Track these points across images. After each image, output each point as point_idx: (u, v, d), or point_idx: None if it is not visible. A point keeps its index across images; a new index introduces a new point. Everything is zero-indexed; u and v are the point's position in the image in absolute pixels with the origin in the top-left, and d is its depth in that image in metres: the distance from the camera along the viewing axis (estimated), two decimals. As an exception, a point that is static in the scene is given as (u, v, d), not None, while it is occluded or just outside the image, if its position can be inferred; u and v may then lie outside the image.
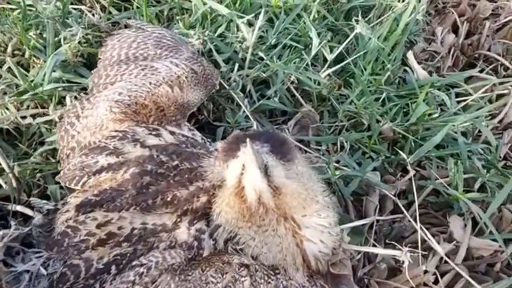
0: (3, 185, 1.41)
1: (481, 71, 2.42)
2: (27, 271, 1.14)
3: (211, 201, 1.12)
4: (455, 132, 1.74)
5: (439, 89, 2.02)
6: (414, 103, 1.86)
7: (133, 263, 1.07)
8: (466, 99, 1.98)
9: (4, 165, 1.40)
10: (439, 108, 1.86)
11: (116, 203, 1.17)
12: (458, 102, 1.98)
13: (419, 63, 2.36)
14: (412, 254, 1.17)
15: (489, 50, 2.64)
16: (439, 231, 1.55)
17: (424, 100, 1.82)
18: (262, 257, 1.08)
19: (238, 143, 1.00)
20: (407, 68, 2.15)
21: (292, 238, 1.08)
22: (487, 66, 2.46)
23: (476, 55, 2.60)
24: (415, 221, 1.44)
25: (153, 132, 1.32)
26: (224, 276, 1.01)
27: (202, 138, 1.39)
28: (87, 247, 1.12)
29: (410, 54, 2.09)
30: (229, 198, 1.07)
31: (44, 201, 1.41)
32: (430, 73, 2.34)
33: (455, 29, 2.70)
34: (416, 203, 1.41)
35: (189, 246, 1.10)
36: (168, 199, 1.15)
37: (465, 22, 2.69)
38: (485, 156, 1.83)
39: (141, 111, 1.39)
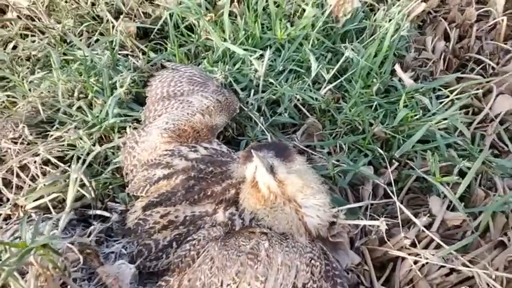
0: (87, 195, 1.90)
1: (472, 71, 2.76)
2: (112, 252, 1.61)
3: (238, 192, 1.60)
4: (436, 130, 2.12)
5: (423, 94, 2.39)
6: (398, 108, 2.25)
7: (188, 238, 1.53)
8: (447, 101, 2.34)
9: (85, 181, 1.90)
10: (421, 110, 2.23)
11: (172, 201, 1.64)
12: (441, 103, 2.34)
13: (412, 70, 2.73)
14: (389, 222, 1.56)
15: (478, 52, 2.96)
16: (423, 211, 1.92)
17: (407, 105, 2.20)
18: (275, 227, 1.53)
19: (252, 151, 1.46)
20: (396, 79, 2.53)
21: (295, 214, 1.53)
22: (477, 67, 2.79)
23: (467, 57, 2.93)
24: (402, 202, 1.83)
25: (192, 149, 1.80)
26: (250, 240, 1.46)
27: (227, 150, 1.86)
28: (155, 231, 1.59)
29: (397, 67, 2.46)
30: (249, 190, 1.55)
31: (117, 204, 1.92)
32: (425, 77, 2.71)
33: (447, 36, 3.04)
34: (392, 180, 1.81)
35: (225, 224, 1.55)
36: (208, 193, 1.62)
37: (455, 28, 3.01)
38: (466, 147, 2.18)
39: (182, 134, 1.88)
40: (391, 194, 1.87)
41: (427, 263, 1.62)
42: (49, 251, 1.20)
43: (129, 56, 2.57)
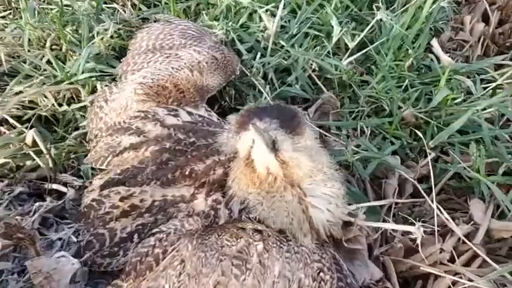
0: (42, 165, 1.53)
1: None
2: (60, 239, 1.24)
3: (227, 173, 1.19)
4: (480, 118, 1.72)
5: (468, 77, 1.99)
6: (437, 89, 1.85)
7: (154, 230, 1.15)
8: (492, 86, 1.94)
9: (42, 148, 1.52)
10: (462, 94, 1.83)
11: (138, 179, 1.26)
12: (485, 88, 1.93)
13: (446, 52, 2.33)
14: (425, 230, 1.18)
15: (520, 39, 2.57)
16: (461, 216, 1.53)
17: (447, 85, 1.80)
18: (269, 220, 1.13)
19: (249, 116, 1.07)
20: (432, 56, 2.13)
21: (297, 204, 1.12)
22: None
23: (508, 44, 2.53)
24: (433, 201, 1.44)
25: (172, 113, 1.40)
26: (239, 240, 1.07)
27: (218, 119, 1.46)
28: (111, 218, 1.21)
29: (434, 42, 2.07)
30: (241, 168, 1.14)
31: (73, 177, 1.54)
32: (457, 62, 2.31)
33: (485, 19, 2.63)
34: (432, 181, 1.41)
35: (206, 215, 1.16)
36: (186, 173, 1.22)
37: (496, 10, 2.62)
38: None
39: (161, 92, 1.48)
40: (422, 192, 1.49)
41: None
42: None
43: (117, 9, 2.17)
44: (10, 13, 2.10)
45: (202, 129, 1.35)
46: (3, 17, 2.17)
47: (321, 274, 1.06)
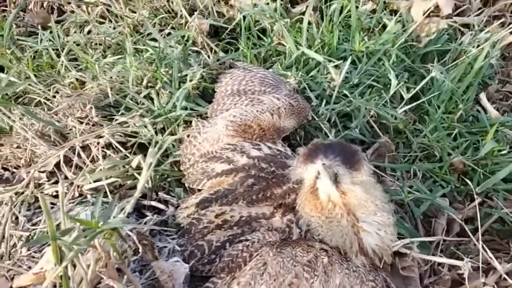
0: (145, 185, 1.85)
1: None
2: (165, 247, 1.54)
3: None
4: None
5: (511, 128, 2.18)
6: (484, 140, 2.05)
7: (241, 238, 1.44)
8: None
9: (145, 171, 1.84)
10: (508, 146, 2.02)
11: (228, 199, 1.55)
12: (529, 141, 2.12)
13: (493, 102, 2.53)
14: (472, 265, 1.38)
15: None
16: (502, 256, 1.71)
17: (494, 137, 2.00)
18: (327, 239, 1.40)
19: (316, 151, 1.34)
20: (480, 108, 2.34)
21: (351, 228, 1.38)
22: None
23: (554, 98, 2.67)
24: (479, 241, 1.63)
25: (256, 147, 1.70)
26: (309, 253, 1.33)
27: (292, 153, 1.74)
28: (208, 231, 1.50)
29: (483, 96, 2.28)
30: (306, 195, 1.41)
31: (169, 196, 1.85)
32: (505, 112, 2.50)
33: (533, 71, 2.80)
34: (480, 225, 1.60)
35: (282, 231, 1.44)
36: (268, 195, 1.52)
37: (541, 63, 2.78)
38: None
39: (247, 130, 1.79)
40: (468, 232, 1.69)
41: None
42: (116, 236, 1.13)
43: (199, 53, 2.54)
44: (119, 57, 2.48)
45: (280, 161, 1.64)
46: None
47: None
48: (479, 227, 1.57)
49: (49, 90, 2.35)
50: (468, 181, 1.81)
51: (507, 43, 2.68)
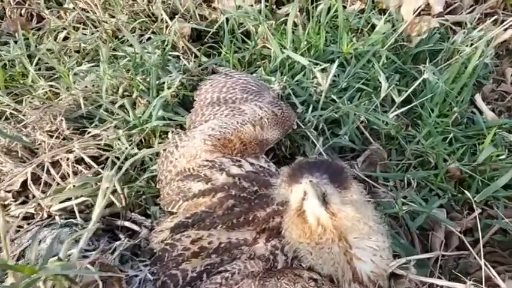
0: (117, 203, 1.71)
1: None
2: (136, 276, 1.39)
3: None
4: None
5: (509, 131, 2.06)
6: (482, 144, 1.93)
7: (220, 269, 1.29)
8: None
9: (118, 188, 1.71)
10: (506, 150, 1.90)
11: (206, 223, 1.40)
12: (529, 144, 2.00)
13: (488, 103, 2.42)
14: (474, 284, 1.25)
15: None
16: (505, 270, 1.59)
17: (491, 141, 1.88)
18: (317, 267, 1.25)
19: (301, 171, 1.20)
20: (475, 110, 2.22)
21: (343, 256, 1.23)
22: None
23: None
24: (481, 258, 1.51)
25: (236, 163, 1.55)
26: (296, 284, 1.18)
27: (276, 170, 1.59)
28: (183, 260, 1.35)
29: (478, 97, 2.16)
30: (293, 218, 1.26)
31: (143, 217, 1.71)
32: (500, 113, 2.39)
33: (527, 69, 2.70)
34: (481, 240, 1.47)
35: (266, 259, 1.29)
36: (250, 218, 1.37)
37: (537, 62, 2.69)
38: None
39: (227, 145, 1.64)
40: (468, 246, 1.56)
41: None
42: (62, 279, 0.99)
43: (180, 58, 2.40)
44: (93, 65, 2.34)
45: (264, 179, 1.49)
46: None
47: None
48: (481, 240, 1.44)
49: (18, 102, 2.21)
50: (466, 191, 1.68)
51: (501, 41, 2.57)
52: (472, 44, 2.34)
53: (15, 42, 2.51)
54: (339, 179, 1.21)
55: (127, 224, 1.68)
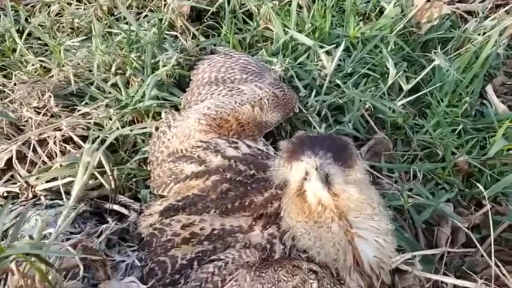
0: (106, 185, 1.61)
1: None
2: (123, 261, 1.30)
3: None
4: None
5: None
6: (492, 137, 1.84)
7: (213, 257, 1.19)
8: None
9: (107, 169, 1.61)
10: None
11: (198, 207, 1.31)
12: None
13: (498, 96, 2.31)
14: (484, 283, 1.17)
15: None
16: (513, 270, 1.51)
17: (503, 135, 1.79)
18: (314, 251, 1.15)
19: (302, 147, 1.09)
20: (485, 102, 2.13)
21: (343, 235, 1.14)
22: None
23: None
24: (489, 256, 1.42)
25: (232, 145, 1.46)
26: (294, 277, 1.10)
27: (275, 153, 1.48)
28: (173, 246, 1.26)
29: (489, 88, 2.07)
30: (292, 197, 1.16)
31: (132, 201, 1.61)
32: (510, 107, 2.29)
33: (540, 63, 2.60)
34: (492, 238, 1.38)
35: (262, 248, 1.20)
36: (246, 203, 1.27)
37: (550, 55, 2.58)
38: None
39: (223, 125, 1.54)
40: (476, 243, 1.48)
41: None
42: (35, 260, 0.89)
43: (177, 37, 2.29)
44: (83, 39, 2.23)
45: (261, 163, 1.40)
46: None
47: None
48: (492, 237, 1.35)
49: (7, 77, 2.10)
50: (478, 184, 1.58)
51: (513, 32, 2.46)
52: (484, 33, 2.23)
53: (5, 16, 2.38)
54: (343, 156, 1.11)
55: (116, 207, 1.59)
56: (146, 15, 2.48)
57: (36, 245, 0.87)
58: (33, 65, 2.16)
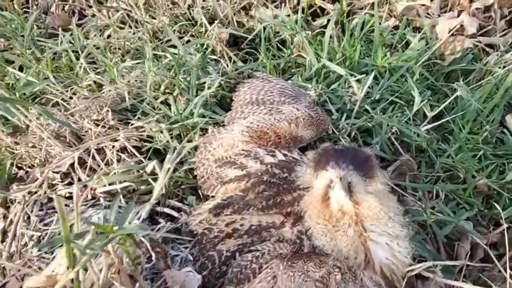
0: (157, 191, 1.80)
1: None
2: (177, 255, 1.49)
3: None
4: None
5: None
6: (510, 163, 1.98)
7: (251, 248, 1.39)
8: None
9: (160, 177, 1.80)
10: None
11: (240, 205, 1.52)
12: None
13: (516, 125, 2.44)
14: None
15: None
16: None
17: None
18: (327, 247, 1.33)
19: (327, 157, 1.27)
20: (505, 130, 2.26)
21: (357, 238, 1.31)
22: None
23: None
24: (506, 271, 1.55)
25: (270, 153, 1.66)
26: (321, 269, 1.26)
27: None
28: (219, 241, 1.46)
29: (509, 117, 2.21)
30: (315, 201, 1.35)
31: (181, 204, 1.81)
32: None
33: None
34: (507, 254, 1.51)
35: (293, 242, 1.38)
36: (277, 201, 1.47)
37: None
38: None
39: (263, 136, 1.75)
40: (494, 258, 1.61)
41: None
42: (130, 242, 1.08)
43: (218, 61, 2.52)
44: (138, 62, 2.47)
45: (294, 168, 1.59)
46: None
47: None
48: (507, 253, 1.49)
49: (66, 91, 2.34)
50: (496, 205, 1.72)
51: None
52: (505, 67, 2.39)
53: (63, 35, 2.66)
54: (364, 168, 1.28)
55: (166, 210, 1.78)
56: (188, 40, 2.72)
57: (143, 227, 1.07)
58: (89, 81, 2.41)
